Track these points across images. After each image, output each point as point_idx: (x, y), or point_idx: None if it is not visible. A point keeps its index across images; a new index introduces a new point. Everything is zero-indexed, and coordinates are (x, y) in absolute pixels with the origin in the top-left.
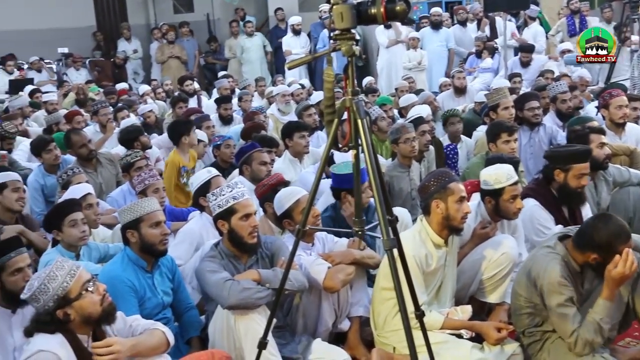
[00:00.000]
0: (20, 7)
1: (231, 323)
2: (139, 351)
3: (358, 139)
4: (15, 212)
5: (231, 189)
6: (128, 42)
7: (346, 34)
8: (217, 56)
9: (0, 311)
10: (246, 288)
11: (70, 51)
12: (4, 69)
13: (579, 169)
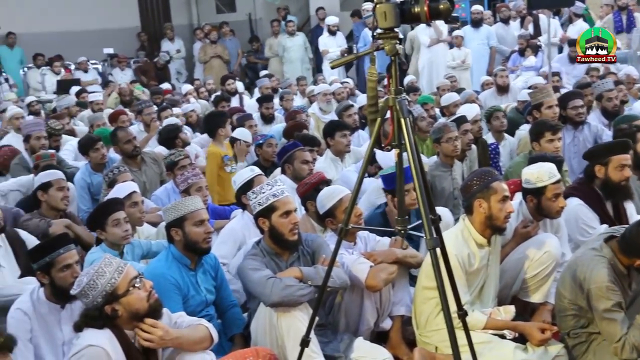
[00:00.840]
0: (67, 9)
1: (274, 321)
2: (181, 343)
3: (401, 138)
4: (60, 210)
5: (271, 186)
6: (171, 42)
7: (389, 33)
8: (258, 55)
9: (50, 306)
10: (288, 285)
11: (115, 52)
12: (51, 69)
13: (618, 160)
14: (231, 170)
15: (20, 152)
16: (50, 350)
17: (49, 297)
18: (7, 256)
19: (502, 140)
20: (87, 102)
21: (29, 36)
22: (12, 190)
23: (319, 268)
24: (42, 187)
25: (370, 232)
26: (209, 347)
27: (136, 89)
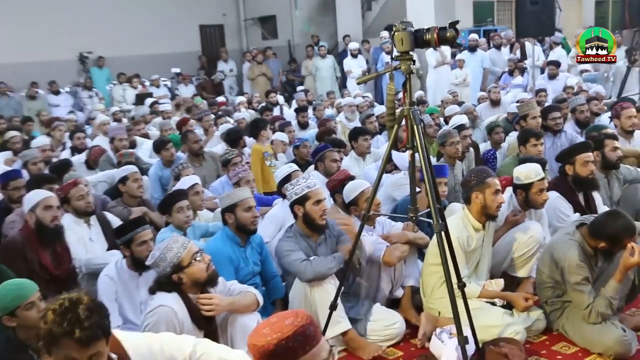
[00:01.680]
0: (144, 37)
1: (307, 292)
2: (234, 308)
3: (414, 141)
4: (137, 197)
5: (305, 179)
6: (226, 63)
7: (405, 55)
8: (295, 74)
9: (130, 273)
10: (317, 265)
11: (180, 71)
12: (131, 85)
13: (582, 159)
14: (270, 164)
15: (107, 151)
16: (131, 309)
17: (130, 266)
18: (97, 233)
19: (499, 149)
20: (158, 111)
21: (114, 59)
22: (100, 182)
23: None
24: (121, 180)
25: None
26: (256, 309)
27: (196, 101)
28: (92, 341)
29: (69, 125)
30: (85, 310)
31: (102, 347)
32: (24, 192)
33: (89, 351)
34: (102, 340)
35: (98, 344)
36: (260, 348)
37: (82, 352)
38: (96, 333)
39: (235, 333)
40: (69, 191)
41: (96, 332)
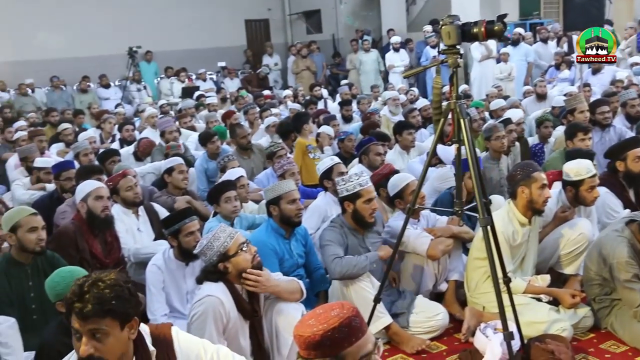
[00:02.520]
0: (190, 32)
1: (344, 290)
2: (278, 292)
3: (460, 135)
4: (182, 189)
5: (358, 177)
6: (270, 57)
7: (452, 49)
8: (340, 68)
9: (177, 263)
10: (347, 264)
11: (226, 65)
12: (178, 79)
13: (634, 154)
14: (314, 157)
15: (158, 142)
16: (177, 298)
17: (177, 256)
18: (145, 223)
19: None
20: (204, 104)
21: (162, 53)
22: (148, 173)
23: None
24: (167, 170)
25: (431, 211)
26: (299, 299)
27: (241, 94)
28: (88, 316)
29: (118, 117)
30: (96, 288)
31: (106, 326)
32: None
33: (87, 325)
34: (105, 318)
35: (98, 321)
36: (307, 339)
37: (81, 324)
38: (94, 309)
39: (279, 323)
40: (118, 182)
41: (94, 308)
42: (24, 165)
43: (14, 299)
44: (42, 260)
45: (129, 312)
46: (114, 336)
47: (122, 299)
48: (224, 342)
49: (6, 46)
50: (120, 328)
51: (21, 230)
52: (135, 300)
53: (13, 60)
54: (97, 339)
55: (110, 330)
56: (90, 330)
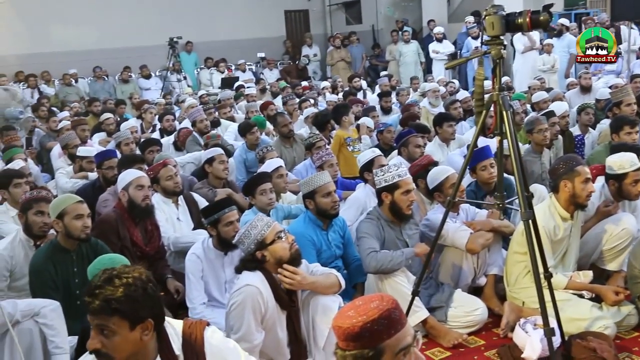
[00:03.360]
0: (230, 22)
1: (379, 283)
2: (315, 287)
3: (502, 127)
4: (222, 179)
5: (397, 167)
6: (310, 48)
7: (496, 40)
8: (379, 59)
9: (216, 253)
10: (382, 259)
11: (265, 56)
12: (217, 69)
13: None
14: (352, 149)
15: (193, 132)
16: (216, 287)
17: (216, 246)
18: (184, 213)
19: (587, 133)
20: (243, 94)
21: (202, 44)
22: (188, 163)
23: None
24: (208, 161)
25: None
26: (337, 292)
27: (280, 85)
28: (95, 312)
29: (158, 108)
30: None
31: (113, 324)
32: (117, 172)
33: (94, 320)
34: (112, 316)
35: (105, 318)
36: (346, 330)
37: (90, 317)
38: (100, 306)
39: (316, 313)
40: (159, 171)
41: (100, 305)
42: (66, 153)
43: (59, 284)
44: (86, 247)
45: (139, 314)
46: (122, 336)
47: (133, 300)
48: (262, 331)
49: (51, 37)
50: (130, 328)
51: (68, 217)
52: (153, 302)
53: (57, 51)
54: (105, 335)
55: (117, 329)
56: (97, 325)
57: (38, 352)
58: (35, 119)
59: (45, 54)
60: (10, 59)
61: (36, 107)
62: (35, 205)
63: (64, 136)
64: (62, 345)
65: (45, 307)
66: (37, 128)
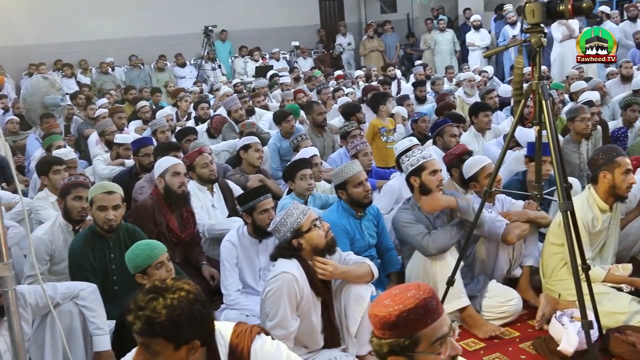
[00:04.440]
0: (265, 11)
1: (428, 265)
2: (348, 276)
3: (541, 117)
4: (256, 167)
5: (420, 151)
6: (344, 36)
7: (536, 28)
8: (414, 48)
9: (251, 240)
10: (439, 238)
11: (300, 44)
12: (252, 58)
13: None
14: (386, 140)
15: (228, 120)
16: (250, 274)
17: (251, 233)
18: (219, 200)
19: (631, 128)
20: (277, 83)
21: (236, 32)
22: (223, 151)
23: (470, 202)
24: (243, 147)
25: (507, 195)
26: (370, 281)
27: (315, 74)
28: (138, 332)
29: (193, 96)
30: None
31: (156, 345)
32: (153, 159)
33: (138, 338)
34: (155, 338)
35: (149, 339)
36: (382, 318)
37: (135, 334)
38: (142, 329)
39: (348, 302)
40: (195, 159)
41: (143, 328)
42: (103, 140)
43: (97, 269)
44: (123, 234)
45: (184, 337)
46: (166, 356)
47: (176, 324)
48: (297, 318)
49: (88, 26)
50: (175, 349)
51: (94, 207)
52: (199, 324)
53: (95, 40)
54: (150, 353)
55: (161, 349)
56: (142, 344)
57: (78, 332)
58: (73, 106)
59: (83, 42)
60: (50, 47)
61: (74, 95)
62: (74, 191)
63: (100, 123)
64: (102, 326)
65: (84, 290)
66: (75, 116)
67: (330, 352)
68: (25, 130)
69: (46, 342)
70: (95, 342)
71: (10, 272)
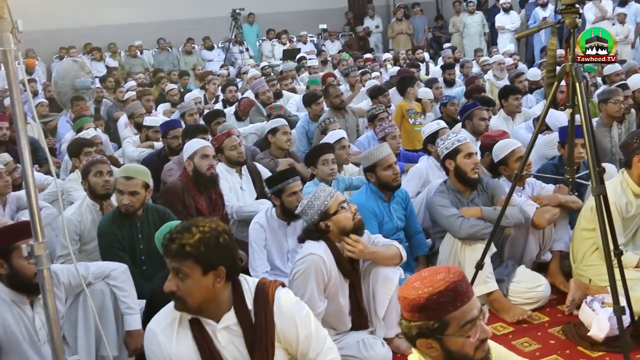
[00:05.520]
0: None
1: (457, 248)
2: (376, 258)
3: (574, 99)
4: (284, 150)
5: (455, 134)
6: (372, 19)
7: (571, 9)
8: (442, 31)
9: (279, 222)
10: (474, 225)
11: (327, 27)
12: (279, 41)
13: None
14: (414, 122)
15: (256, 103)
16: (278, 256)
17: (279, 216)
18: (247, 182)
19: None
20: (305, 66)
21: (264, 15)
22: (251, 133)
23: (497, 209)
24: (271, 131)
25: (537, 179)
26: (398, 263)
27: (343, 57)
28: (171, 255)
29: (221, 79)
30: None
31: (187, 268)
32: (181, 141)
33: (171, 263)
34: (186, 260)
35: (180, 261)
36: (411, 301)
37: (168, 260)
38: (176, 250)
39: (376, 284)
40: (223, 141)
41: (176, 249)
42: (132, 122)
43: (126, 246)
44: (153, 214)
45: (211, 261)
46: (194, 280)
47: (207, 247)
48: (325, 300)
49: (117, 9)
50: (202, 273)
51: (116, 191)
52: (225, 251)
53: (124, 23)
54: (180, 278)
55: (190, 272)
56: (174, 268)
57: (109, 311)
58: (102, 89)
59: (112, 26)
60: (79, 31)
61: (104, 79)
62: (93, 168)
63: (130, 106)
64: (133, 305)
65: (115, 270)
66: (104, 99)
67: (358, 334)
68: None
69: (79, 320)
70: (126, 321)
71: (45, 251)
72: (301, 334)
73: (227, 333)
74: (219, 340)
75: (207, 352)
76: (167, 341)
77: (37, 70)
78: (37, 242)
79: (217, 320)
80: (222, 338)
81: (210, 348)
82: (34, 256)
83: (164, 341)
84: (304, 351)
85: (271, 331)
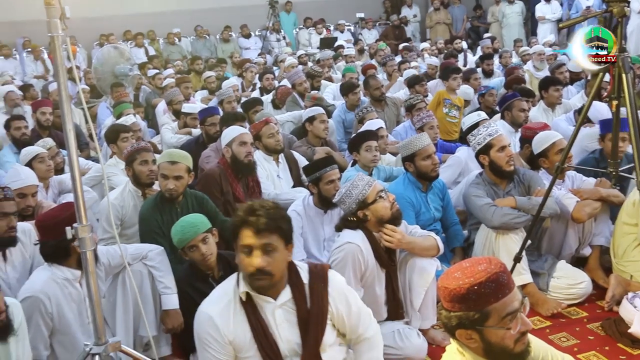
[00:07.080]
0: None
1: (492, 238)
2: (413, 248)
3: (620, 91)
4: (322, 138)
5: (486, 128)
6: (410, 8)
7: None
8: (481, 20)
9: (316, 210)
10: (507, 214)
11: (364, 16)
12: (316, 30)
13: None
14: (447, 112)
15: (292, 92)
16: (314, 244)
17: (316, 204)
18: (284, 170)
19: None
20: (342, 55)
21: (301, 4)
22: (287, 121)
23: (532, 199)
24: (309, 119)
25: (577, 172)
26: (435, 255)
27: (379, 46)
28: (262, 229)
29: (258, 67)
30: (265, 207)
31: (274, 241)
32: (219, 129)
33: (261, 239)
34: (274, 233)
35: (269, 235)
36: (452, 291)
37: (255, 238)
38: (267, 223)
39: (413, 275)
40: (261, 129)
41: (267, 222)
42: (171, 109)
43: (165, 231)
44: (192, 200)
45: (289, 233)
46: (280, 252)
47: (287, 220)
48: (361, 289)
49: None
50: (284, 246)
51: (159, 175)
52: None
53: (162, 11)
54: (268, 253)
55: (278, 245)
56: (263, 245)
57: (147, 290)
58: (142, 76)
59: (151, 13)
60: (118, 19)
61: (143, 66)
62: (139, 156)
63: (168, 93)
64: (170, 285)
65: (152, 251)
66: (143, 85)
67: (393, 324)
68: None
69: (117, 299)
70: (163, 300)
71: (89, 234)
72: (354, 310)
73: (282, 311)
74: (275, 318)
75: (260, 333)
76: (225, 324)
77: (78, 57)
78: (81, 224)
79: (275, 298)
80: (278, 316)
81: (263, 327)
82: (78, 238)
83: (222, 324)
84: (353, 326)
85: (325, 309)
